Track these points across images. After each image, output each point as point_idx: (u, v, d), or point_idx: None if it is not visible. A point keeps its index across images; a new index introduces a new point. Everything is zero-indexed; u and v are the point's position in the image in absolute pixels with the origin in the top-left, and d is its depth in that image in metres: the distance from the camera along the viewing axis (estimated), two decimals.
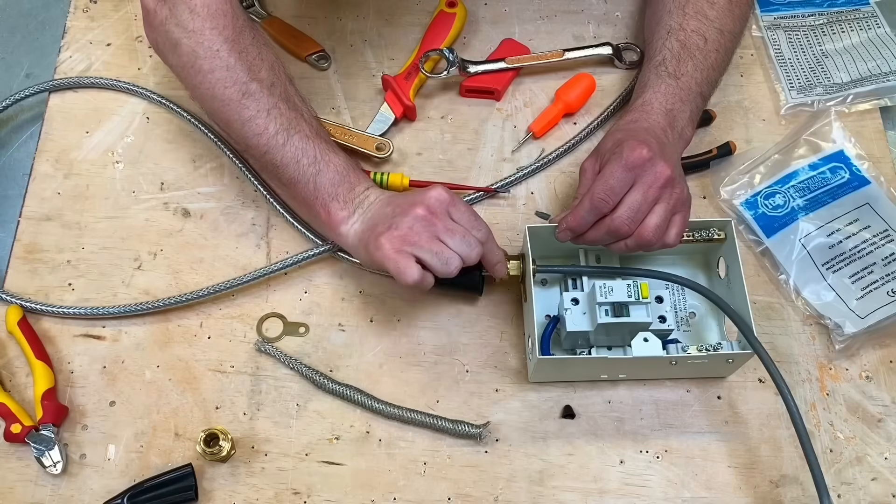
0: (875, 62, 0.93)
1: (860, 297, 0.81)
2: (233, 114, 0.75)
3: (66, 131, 0.90)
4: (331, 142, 0.79)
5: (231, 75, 0.74)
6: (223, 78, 0.74)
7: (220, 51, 0.74)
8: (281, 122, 0.75)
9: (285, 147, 0.75)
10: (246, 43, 0.75)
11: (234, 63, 0.74)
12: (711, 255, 0.81)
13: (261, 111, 0.75)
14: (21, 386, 0.77)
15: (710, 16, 0.83)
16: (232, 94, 0.75)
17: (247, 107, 0.75)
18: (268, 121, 0.75)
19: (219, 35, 0.74)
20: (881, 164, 0.89)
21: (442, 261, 0.70)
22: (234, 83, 0.75)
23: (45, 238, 0.84)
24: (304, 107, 0.79)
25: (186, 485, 0.72)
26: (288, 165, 0.75)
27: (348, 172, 0.76)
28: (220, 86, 0.75)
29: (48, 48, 0.95)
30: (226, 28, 0.74)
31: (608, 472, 0.75)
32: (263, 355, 0.79)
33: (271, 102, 0.75)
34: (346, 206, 0.75)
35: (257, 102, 0.75)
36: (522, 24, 0.98)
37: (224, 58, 0.74)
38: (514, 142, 0.91)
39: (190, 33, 0.74)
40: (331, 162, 0.76)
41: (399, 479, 0.74)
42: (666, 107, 0.79)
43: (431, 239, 0.71)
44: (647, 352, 0.72)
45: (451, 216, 0.73)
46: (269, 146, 0.75)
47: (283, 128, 0.75)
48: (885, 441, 0.77)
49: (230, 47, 0.74)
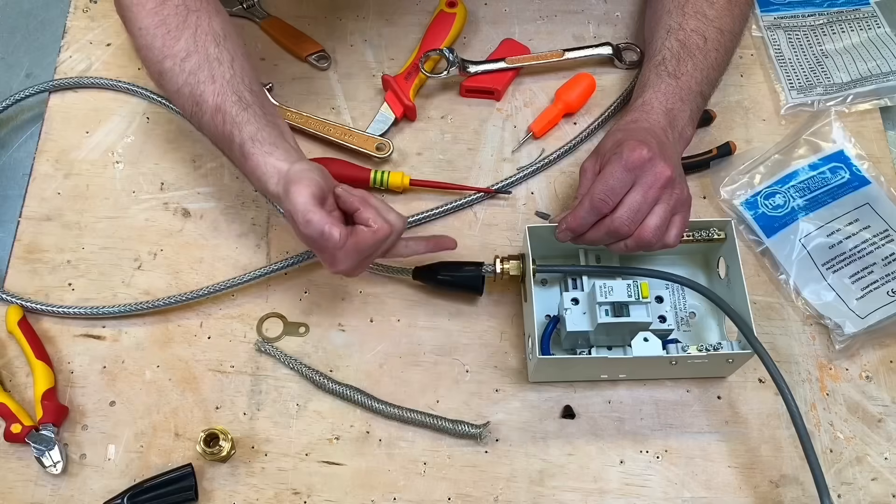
0: (875, 62, 0.93)
1: (860, 297, 0.81)
2: (163, 93, 0.77)
3: (66, 131, 0.90)
4: (240, 120, 0.72)
5: (150, 55, 0.74)
6: (145, 58, 0.75)
7: (143, 28, 0.73)
8: (190, 102, 0.74)
9: (202, 129, 0.75)
10: (167, 12, 0.73)
11: (151, 41, 0.73)
12: (711, 255, 0.81)
13: (173, 92, 0.74)
14: (21, 386, 0.77)
15: (710, 15, 0.83)
16: (153, 74, 0.75)
17: (164, 87, 0.75)
18: (181, 100, 0.74)
19: (141, 9, 0.73)
20: (881, 164, 0.89)
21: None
22: (151, 63, 0.74)
23: (45, 238, 0.84)
24: (228, 71, 0.73)
25: (186, 485, 0.72)
26: (217, 146, 0.76)
27: (260, 166, 0.71)
28: (146, 66, 0.76)
29: (48, 48, 0.95)
30: (149, 0, 0.73)
31: (608, 472, 0.75)
32: (263, 355, 0.79)
33: (181, 80, 0.73)
34: (271, 195, 0.72)
35: (169, 82, 0.74)
36: (522, 24, 0.98)
37: (145, 35, 0.74)
38: (514, 142, 0.91)
39: (124, 10, 0.75)
40: (248, 158, 0.71)
41: (399, 479, 0.74)
42: (666, 106, 0.79)
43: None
44: (647, 352, 0.72)
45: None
46: (197, 126, 0.75)
47: (194, 103, 0.73)
48: (885, 441, 0.77)
49: (150, 21, 0.73)
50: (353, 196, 0.70)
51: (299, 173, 0.68)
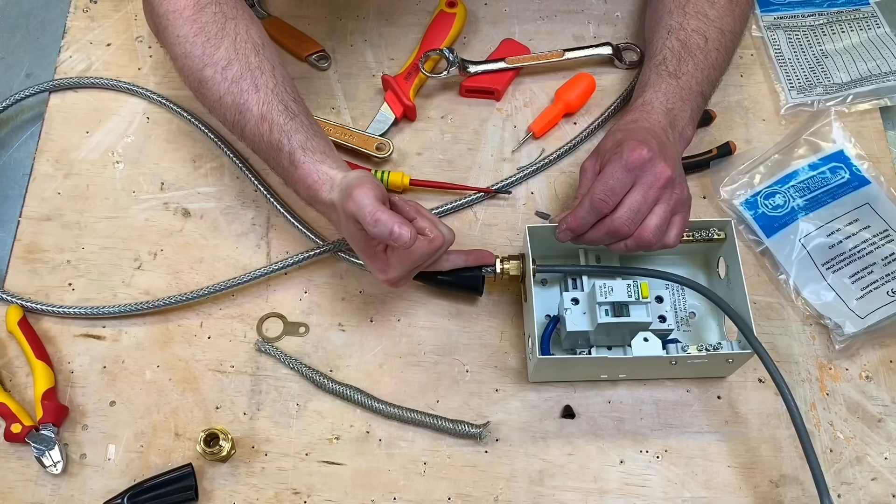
0: (875, 62, 0.93)
1: (860, 297, 0.81)
2: (202, 101, 0.76)
3: (66, 131, 0.90)
4: (289, 129, 0.72)
5: (188, 63, 0.73)
6: (183, 67, 0.74)
7: (180, 36, 0.73)
8: (234, 111, 0.73)
9: (244, 137, 0.75)
10: (206, 20, 0.73)
11: (191, 48, 0.73)
12: (711, 255, 0.81)
13: (215, 101, 0.74)
14: (21, 386, 0.77)
15: (711, 15, 0.83)
16: (192, 83, 0.74)
17: (205, 96, 0.74)
18: (223, 110, 0.74)
19: (179, 17, 0.72)
20: (881, 164, 0.89)
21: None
22: (191, 72, 0.73)
23: (45, 238, 0.84)
24: (271, 80, 0.74)
25: (186, 485, 0.72)
26: (259, 154, 0.75)
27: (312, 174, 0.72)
28: (184, 75, 0.75)
29: (48, 48, 0.95)
30: (186, 8, 0.72)
31: (608, 472, 0.75)
32: (263, 355, 0.79)
33: (223, 88, 0.73)
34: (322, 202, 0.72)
35: (210, 90, 0.74)
36: (522, 24, 0.98)
37: (183, 43, 0.73)
38: (514, 142, 0.91)
39: (160, 18, 0.74)
40: (299, 167, 0.72)
41: (399, 479, 0.74)
42: (666, 106, 0.78)
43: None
44: (647, 352, 0.72)
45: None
46: (239, 134, 0.75)
47: (237, 111, 0.73)
48: (885, 441, 0.77)
49: (188, 30, 0.72)
50: (408, 205, 0.72)
51: (361, 178, 0.69)
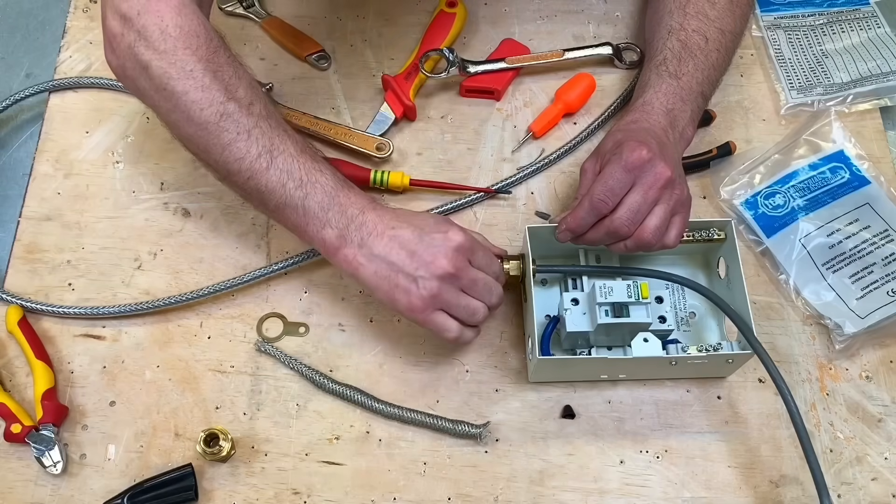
0: (875, 62, 0.93)
1: (860, 297, 0.81)
2: (211, 138, 0.70)
3: (66, 131, 0.90)
4: (318, 157, 0.73)
5: (207, 96, 0.69)
6: (199, 99, 0.69)
7: (194, 70, 0.68)
8: (263, 144, 0.70)
9: (269, 170, 0.70)
10: (221, 61, 0.70)
11: (210, 83, 0.69)
12: (711, 255, 0.81)
13: (241, 133, 0.69)
14: (21, 386, 0.77)
15: (711, 15, 0.83)
16: (209, 115, 0.69)
17: (226, 129, 0.69)
18: (249, 143, 0.70)
19: (192, 55, 0.68)
20: (881, 164, 0.89)
21: (469, 313, 0.71)
22: (210, 104, 0.69)
23: (45, 238, 0.84)
24: (286, 123, 0.74)
25: (186, 485, 0.72)
26: (274, 191, 0.70)
27: (337, 192, 0.71)
28: (196, 108, 0.69)
29: (48, 48, 0.95)
30: (199, 48, 0.69)
31: (608, 472, 0.75)
32: (263, 355, 0.79)
33: (251, 122, 0.70)
34: (340, 231, 0.70)
35: (236, 124, 0.69)
36: (522, 24, 0.98)
37: (199, 78, 0.68)
38: (514, 142, 0.91)
39: (161, 54, 0.68)
40: (317, 182, 0.71)
41: (399, 479, 0.74)
42: (667, 106, 0.79)
43: (458, 294, 0.71)
44: (647, 352, 0.72)
45: (472, 262, 0.72)
46: (253, 171, 0.70)
47: (265, 150, 0.70)
48: (885, 441, 0.77)
49: (204, 67, 0.69)
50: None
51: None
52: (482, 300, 0.72)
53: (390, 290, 0.70)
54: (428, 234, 0.70)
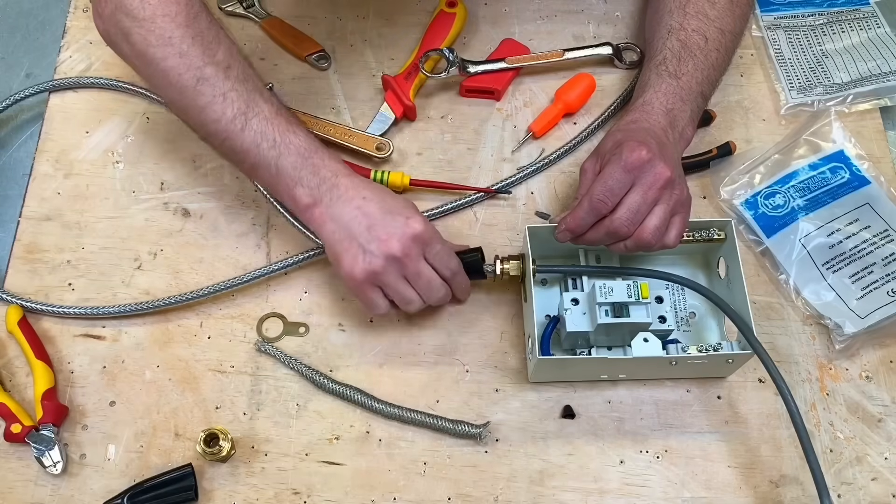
0: (875, 62, 0.93)
1: (860, 297, 0.81)
2: (189, 101, 0.73)
3: (66, 131, 0.90)
4: (293, 120, 0.76)
5: (185, 62, 0.72)
6: (177, 65, 0.72)
7: (173, 37, 0.71)
8: (238, 106, 0.73)
9: (244, 132, 0.73)
10: (201, 27, 0.73)
11: (188, 48, 0.71)
12: (711, 255, 0.81)
13: (217, 96, 0.72)
14: (21, 386, 0.77)
15: (711, 15, 0.83)
16: (186, 80, 0.72)
17: (202, 93, 0.72)
18: (224, 106, 0.72)
19: (171, 21, 0.71)
20: (881, 164, 0.89)
21: (403, 301, 0.75)
22: (187, 69, 0.72)
23: (45, 238, 0.84)
24: (263, 87, 0.76)
25: (186, 485, 0.72)
26: (248, 151, 0.73)
27: (310, 154, 0.74)
28: (175, 73, 0.72)
29: (48, 48, 0.95)
30: (178, 14, 0.72)
31: (608, 472, 0.75)
32: (263, 355, 0.79)
33: (228, 86, 0.73)
34: (311, 191, 0.73)
35: (212, 87, 0.72)
36: (522, 24, 0.98)
37: (177, 45, 0.71)
38: (514, 142, 0.91)
39: (141, 22, 0.71)
40: (291, 143, 0.74)
41: (399, 479, 0.74)
42: (666, 106, 0.78)
43: (399, 279, 0.73)
44: (647, 352, 0.72)
45: (425, 255, 0.74)
46: (228, 132, 0.73)
47: (240, 111, 0.73)
48: (885, 441, 0.77)
49: (183, 33, 0.71)
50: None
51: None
52: (420, 294, 0.74)
53: (340, 253, 0.73)
54: (392, 214, 0.73)
